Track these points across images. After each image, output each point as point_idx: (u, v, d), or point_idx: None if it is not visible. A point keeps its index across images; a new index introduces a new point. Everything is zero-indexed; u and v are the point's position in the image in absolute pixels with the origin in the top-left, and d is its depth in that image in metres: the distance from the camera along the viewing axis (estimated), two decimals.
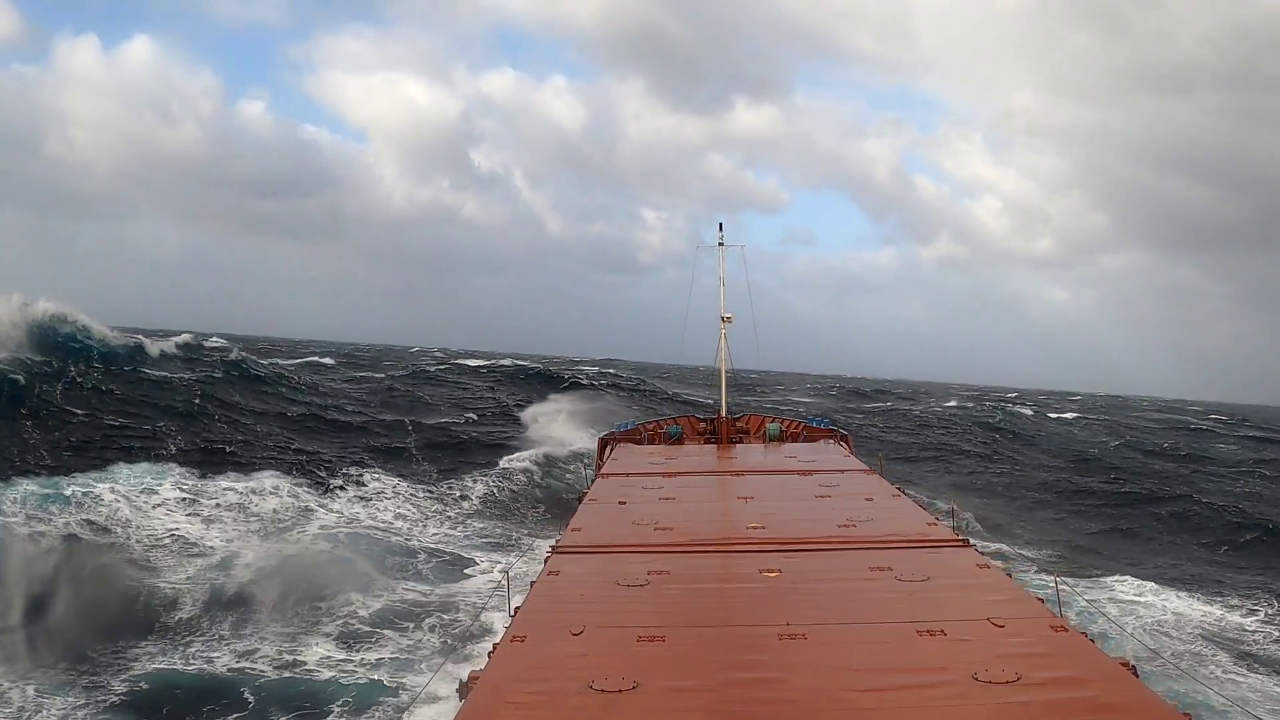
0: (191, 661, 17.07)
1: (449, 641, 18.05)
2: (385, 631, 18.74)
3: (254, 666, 16.88)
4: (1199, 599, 23.29)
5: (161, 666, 16.75)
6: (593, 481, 21.33)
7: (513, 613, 10.48)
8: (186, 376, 42.53)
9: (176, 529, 24.12)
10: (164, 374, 42.07)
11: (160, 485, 26.66)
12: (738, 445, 28.47)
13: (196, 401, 38.28)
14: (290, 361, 67.01)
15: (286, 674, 16.68)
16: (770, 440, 28.71)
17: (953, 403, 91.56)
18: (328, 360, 76.70)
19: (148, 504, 25.24)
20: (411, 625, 19.25)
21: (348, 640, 18.25)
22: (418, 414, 47.09)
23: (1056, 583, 13.75)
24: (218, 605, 19.44)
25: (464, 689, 8.35)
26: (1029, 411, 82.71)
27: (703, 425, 31.29)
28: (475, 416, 49.68)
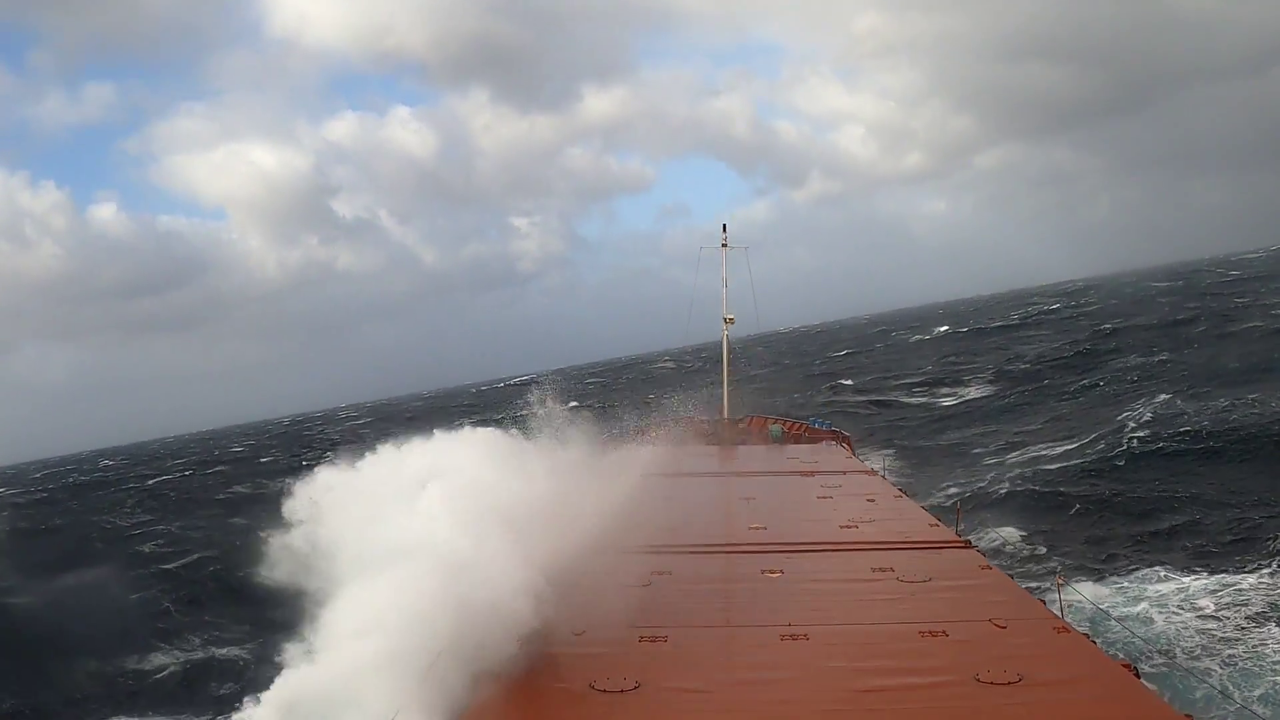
0: None
1: None
2: None
3: None
4: None
5: None
6: None
7: None
8: None
9: None
10: None
11: None
12: (740, 446, 28.40)
13: None
14: None
15: None
16: (772, 441, 28.66)
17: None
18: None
19: None
20: None
21: None
22: None
23: (1059, 584, 13.71)
24: None
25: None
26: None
27: (705, 426, 31.24)
28: None
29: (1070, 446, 30.88)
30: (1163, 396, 35.77)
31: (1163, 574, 16.97)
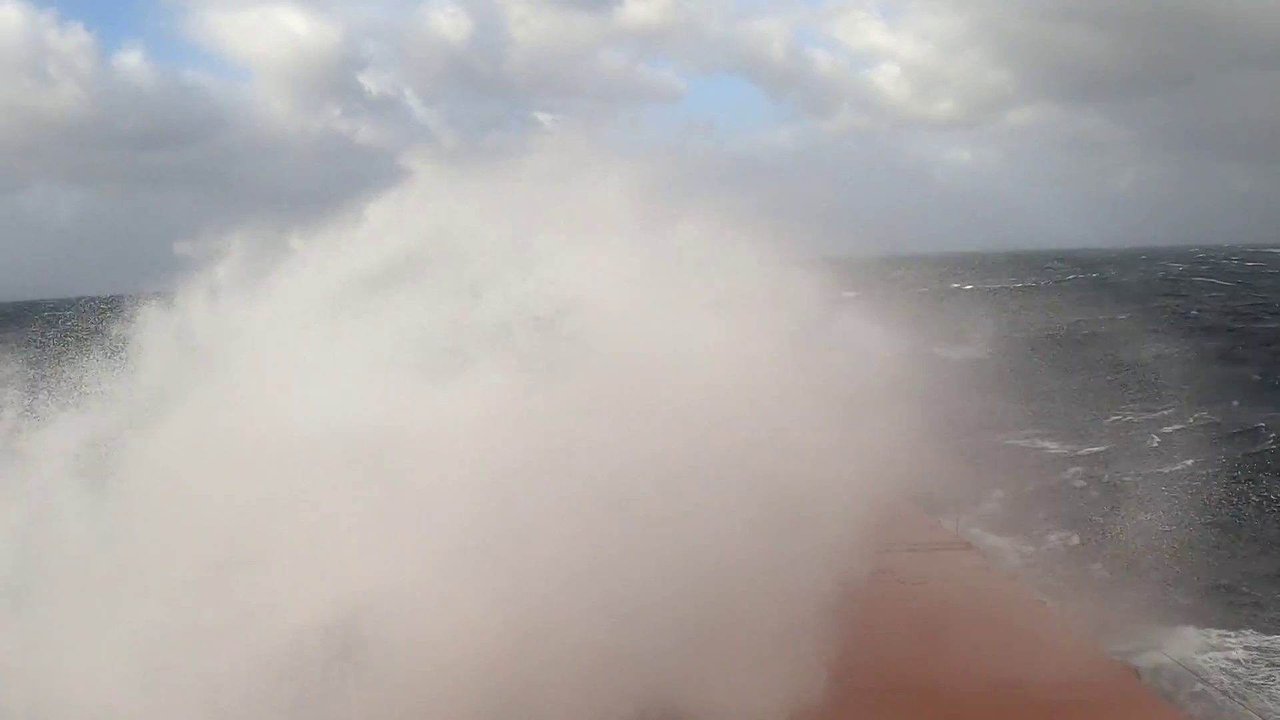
0: None
1: None
2: None
3: None
4: None
5: None
6: None
7: None
8: None
9: None
10: None
11: None
12: None
13: None
14: None
15: None
16: None
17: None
18: None
19: None
20: None
21: None
22: None
23: (1059, 586, 13.65)
24: None
25: None
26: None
27: None
28: None
29: (1084, 449, 30.12)
30: (1185, 404, 34.80)
31: (1178, 609, 16.47)
